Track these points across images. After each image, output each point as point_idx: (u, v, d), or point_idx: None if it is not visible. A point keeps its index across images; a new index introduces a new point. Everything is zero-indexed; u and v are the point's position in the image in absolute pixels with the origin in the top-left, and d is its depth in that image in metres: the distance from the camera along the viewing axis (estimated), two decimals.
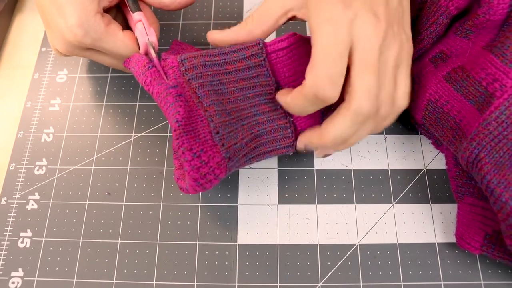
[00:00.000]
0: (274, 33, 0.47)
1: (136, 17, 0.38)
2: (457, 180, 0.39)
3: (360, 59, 0.31)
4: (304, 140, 0.36)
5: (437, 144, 0.42)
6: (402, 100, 0.34)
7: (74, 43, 0.37)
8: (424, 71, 0.39)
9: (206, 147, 0.33)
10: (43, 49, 0.48)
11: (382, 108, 0.32)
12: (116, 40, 0.38)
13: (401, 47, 0.33)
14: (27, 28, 0.50)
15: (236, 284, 0.37)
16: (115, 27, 0.38)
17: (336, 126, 0.32)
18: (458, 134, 0.36)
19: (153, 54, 0.36)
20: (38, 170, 0.42)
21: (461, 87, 0.36)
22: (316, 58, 0.31)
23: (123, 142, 0.43)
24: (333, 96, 0.31)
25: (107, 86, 0.46)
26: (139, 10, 0.38)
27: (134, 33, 0.39)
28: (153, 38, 0.38)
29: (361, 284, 0.37)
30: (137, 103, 0.45)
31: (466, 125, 0.35)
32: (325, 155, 0.38)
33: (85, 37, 0.36)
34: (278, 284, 0.37)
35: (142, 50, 0.38)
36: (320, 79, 0.31)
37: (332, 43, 0.30)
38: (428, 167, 0.41)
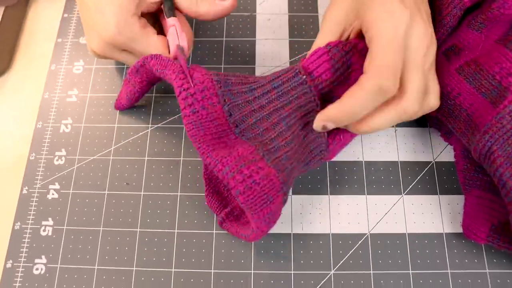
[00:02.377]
0: None
1: (170, 22, 0.39)
2: (465, 173, 0.40)
3: (413, 58, 0.32)
4: (322, 117, 0.34)
5: (446, 136, 0.43)
6: (435, 100, 0.35)
7: (108, 42, 0.38)
8: (437, 64, 0.40)
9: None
10: (59, 40, 0.49)
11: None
12: (149, 42, 0.39)
13: (434, 49, 0.35)
14: (42, 18, 0.51)
15: (252, 271, 0.39)
16: (150, 30, 0.39)
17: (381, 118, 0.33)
18: (471, 126, 0.37)
19: (181, 57, 0.37)
20: (57, 160, 0.43)
21: (474, 80, 0.37)
22: (379, 49, 0.31)
23: (140, 133, 0.44)
24: (394, 88, 0.32)
25: (123, 78, 0.47)
26: (174, 16, 0.39)
27: (167, 39, 0.40)
28: (184, 43, 0.39)
29: (371, 272, 0.39)
30: (153, 95, 0.46)
31: (478, 118, 0.36)
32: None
33: (119, 35, 0.38)
34: (292, 272, 0.39)
35: (172, 54, 0.39)
36: (384, 68, 0.31)
37: (394, 35, 0.31)
38: (437, 160, 0.43)
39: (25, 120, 0.46)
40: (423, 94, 0.33)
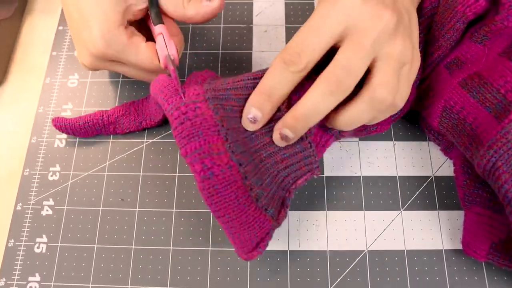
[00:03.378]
0: None
1: (158, 30, 0.38)
2: (465, 189, 0.40)
3: (387, 53, 0.31)
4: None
5: (446, 151, 0.42)
6: (401, 102, 0.33)
7: (97, 55, 0.37)
8: (439, 78, 0.39)
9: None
10: (54, 53, 0.48)
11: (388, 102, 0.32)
12: (138, 52, 0.38)
13: (416, 62, 0.34)
14: (37, 31, 0.50)
15: None
16: (138, 39, 0.38)
17: (352, 110, 0.32)
18: (475, 141, 0.36)
19: (171, 67, 0.36)
20: (52, 176, 0.43)
21: (478, 94, 0.36)
22: (343, 48, 0.30)
23: (135, 148, 0.44)
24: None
25: (118, 92, 0.46)
26: (161, 23, 0.38)
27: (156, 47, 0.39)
28: (173, 51, 0.37)
29: None
30: None
31: (482, 132, 0.35)
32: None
33: (107, 48, 0.37)
34: None
35: (162, 64, 0.38)
36: (339, 69, 0.30)
37: (365, 35, 0.30)
38: (436, 174, 0.42)
39: (20, 134, 0.45)
40: (393, 82, 0.31)
